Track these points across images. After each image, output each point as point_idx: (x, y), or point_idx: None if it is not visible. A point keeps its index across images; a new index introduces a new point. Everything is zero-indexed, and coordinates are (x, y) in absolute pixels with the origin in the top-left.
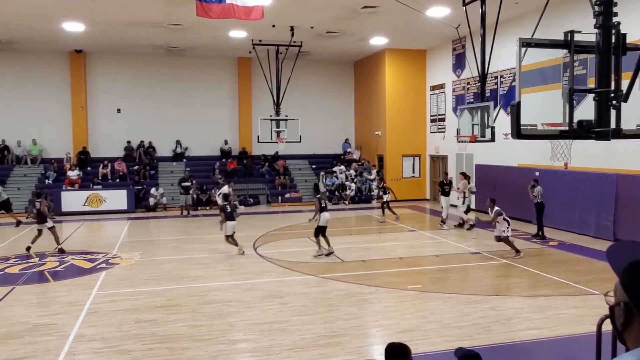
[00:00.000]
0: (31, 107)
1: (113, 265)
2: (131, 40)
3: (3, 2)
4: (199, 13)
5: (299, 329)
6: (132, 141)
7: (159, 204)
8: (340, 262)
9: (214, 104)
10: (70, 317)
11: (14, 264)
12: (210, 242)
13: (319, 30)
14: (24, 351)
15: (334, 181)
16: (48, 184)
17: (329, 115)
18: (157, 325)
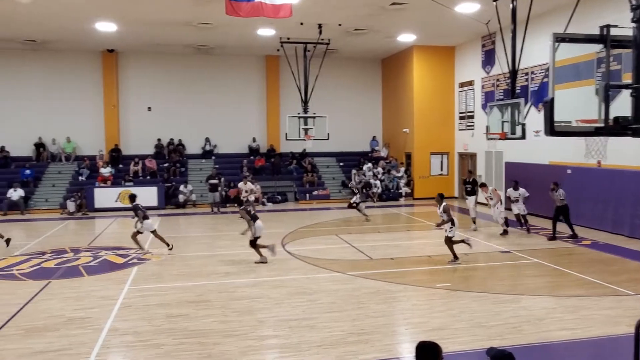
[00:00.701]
0: (65, 106)
1: (144, 261)
2: (161, 40)
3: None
4: (228, 12)
5: (328, 325)
6: (162, 139)
7: (189, 200)
8: (368, 259)
9: (243, 101)
10: (104, 311)
11: (49, 258)
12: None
13: (346, 28)
14: (60, 344)
15: (361, 179)
16: (81, 181)
17: (357, 113)
18: (187, 320)
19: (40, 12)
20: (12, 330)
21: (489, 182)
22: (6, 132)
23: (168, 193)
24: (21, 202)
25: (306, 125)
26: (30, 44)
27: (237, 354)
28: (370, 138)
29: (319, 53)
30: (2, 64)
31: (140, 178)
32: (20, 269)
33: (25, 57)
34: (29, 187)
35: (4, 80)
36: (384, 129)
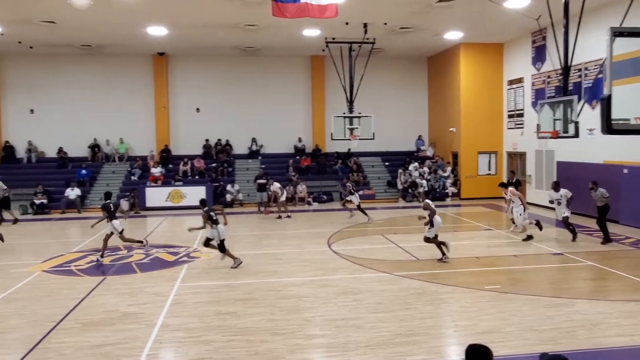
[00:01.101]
0: (118, 108)
1: (194, 259)
2: (209, 42)
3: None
4: (274, 13)
5: (375, 326)
6: (210, 139)
7: (236, 200)
8: (415, 260)
9: (288, 102)
10: (156, 307)
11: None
12: (286, 238)
13: (392, 27)
14: (116, 338)
15: (406, 178)
16: (134, 181)
17: (402, 112)
18: (236, 317)
19: (96, 18)
20: (71, 323)
21: (539, 182)
22: (64, 134)
23: (216, 192)
24: (78, 201)
25: (351, 125)
26: (87, 49)
27: (284, 352)
28: (416, 137)
29: (364, 52)
30: (61, 68)
31: (189, 178)
32: (77, 265)
33: (82, 61)
34: (85, 186)
35: (62, 84)
36: (430, 128)
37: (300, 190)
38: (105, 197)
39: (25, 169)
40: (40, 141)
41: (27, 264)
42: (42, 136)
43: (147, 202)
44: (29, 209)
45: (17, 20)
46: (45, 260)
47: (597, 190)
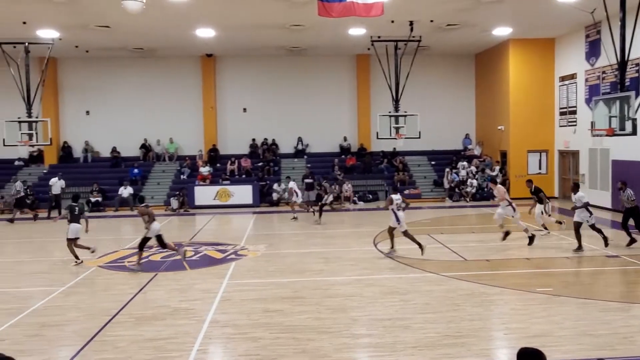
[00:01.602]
0: (168, 109)
1: (241, 256)
2: (256, 43)
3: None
4: (320, 12)
5: (423, 327)
6: (256, 139)
7: (282, 199)
8: (462, 260)
9: (334, 101)
10: (206, 303)
11: (156, 252)
12: (332, 237)
13: (439, 24)
14: (168, 333)
15: (454, 178)
16: (183, 180)
17: (449, 110)
18: (283, 315)
19: (148, 22)
20: (125, 317)
21: (593, 182)
22: (117, 134)
23: (262, 191)
24: (130, 199)
25: (397, 123)
26: (139, 52)
27: (331, 350)
28: (463, 136)
29: (410, 50)
30: (114, 71)
31: (236, 177)
32: (130, 261)
33: (134, 64)
34: (137, 185)
35: (115, 87)
36: (477, 127)
37: (345, 190)
38: (72, 199)
39: (81, 168)
40: (96, 141)
41: (84, 260)
42: (97, 136)
43: (196, 200)
44: (85, 207)
45: (75, 25)
46: (100, 256)
47: (624, 191)
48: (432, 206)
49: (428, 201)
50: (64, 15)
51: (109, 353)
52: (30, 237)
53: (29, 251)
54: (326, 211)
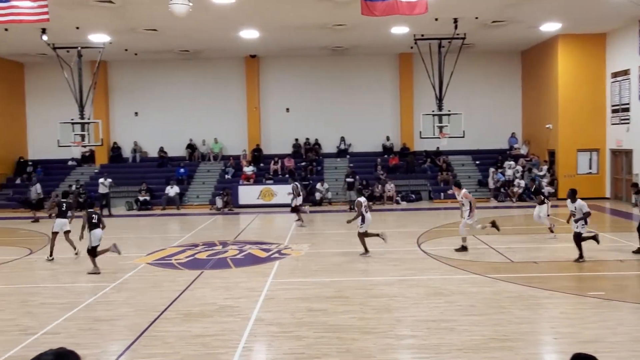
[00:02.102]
0: (213, 109)
1: (285, 255)
2: (299, 43)
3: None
4: (363, 12)
5: (468, 329)
6: (299, 138)
7: (325, 198)
8: (509, 262)
9: (376, 100)
10: (250, 301)
11: (201, 250)
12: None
13: (484, 20)
14: (214, 329)
15: (499, 177)
16: (227, 179)
17: (494, 109)
18: (327, 315)
19: (194, 24)
20: (173, 314)
21: None
22: (164, 135)
23: (305, 191)
24: (177, 198)
25: (441, 122)
26: (185, 54)
27: (375, 351)
28: (508, 135)
29: (454, 48)
30: (161, 73)
31: (279, 176)
32: (177, 259)
33: (180, 66)
34: (183, 184)
35: (162, 88)
36: (523, 125)
37: (388, 189)
38: (62, 196)
39: (130, 168)
40: (144, 142)
41: (133, 257)
42: (145, 137)
43: (240, 199)
44: (134, 206)
45: (124, 29)
46: (149, 254)
47: (638, 194)
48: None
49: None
50: (115, 19)
51: (158, 348)
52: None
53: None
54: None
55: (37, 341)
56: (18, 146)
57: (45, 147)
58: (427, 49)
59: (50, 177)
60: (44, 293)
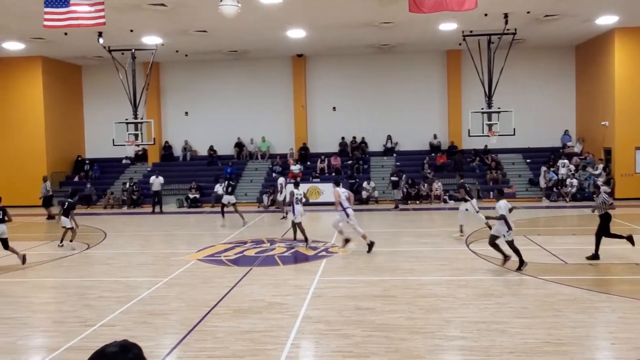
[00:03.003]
0: (260, 108)
1: (332, 254)
2: (345, 42)
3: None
4: (411, 9)
5: (520, 332)
6: (345, 137)
7: (371, 197)
8: (562, 264)
9: (423, 98)
10: (298, 299)
11: (250, 247)
12: (422, 236)
13: (536, 15)
14: (263, 326)
15: (551, 176)
16: (275, 177)
17: (546, 106)
18: (375, 313)
19: (242, 25)
20: (223, 309)
21: None
22: (214, 134)
23: (352, 189)
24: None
25: (490, 120)
26: (233, 54)
27: (424, 351)
28: (561, 132)
29: (504, 44)
30: (210, 73)
31: (326, 175)
32: (226, 255)
33: (229, 66)
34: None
35: (211, 88)
36: (577, 122)
37: (435, 188)
38: (70, 195)
39: (181, 166)
40: (194, 141)
41: (184, 253)
42: (195, 136)
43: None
44: (184, 203)
45: (176, 31)
46: (199, 250)
47: (598, 196)
48: (527, 206)
49: (523, 201)
50: (167, 22)
51: (209, 342)
52: (139, 229)
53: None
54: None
55: (95, 332)
56: (76, 145)
57: (101, 146)
58: (476, 45)
59: (105, 175)
60: (101, 287)
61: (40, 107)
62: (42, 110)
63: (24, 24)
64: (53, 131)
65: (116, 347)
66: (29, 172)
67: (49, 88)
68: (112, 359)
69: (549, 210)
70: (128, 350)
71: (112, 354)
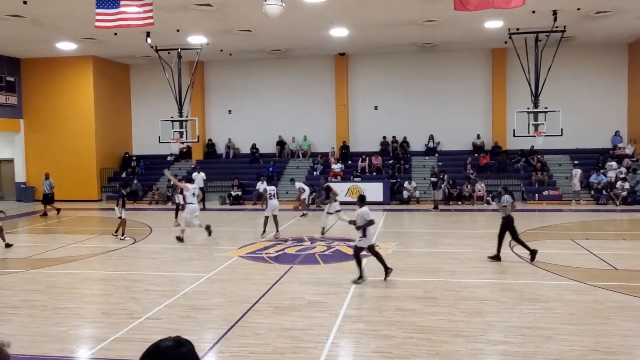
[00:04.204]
0: (302, 107)
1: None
2: (388, 40)
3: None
4: (456, 7)
5: (566, 338)
6: (387, 136)
7: (412, 197)
8: (612, 269)
9: (466, 97)
10: (338, 298)
11: (290, 245)
12: (464, 237)
13: (586, 12)
14: (303, 323)
15: (601, 179)
16: (316, 176)
17: (596, 105)
18: (415, 315)
19: (285, 24)
20: (264, 306)
21: None
22: (256, 132)
23: (393, 189)
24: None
25: (536, 120)
26: (276, 53)
27: (465, 355)
28: (612, 133)
29: (552, 42)
30: (253, 72)
31: (367, 174)
32: (268, 253)
33: (271, 65)
34: (273, 180)
35: (254, 87)
36: (629, 123)
37: (478, 189)
38: (122, 186)
39: (223, 164)
40: (237, 138)
41: (226, 249)
42: (237, 134)
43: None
44: (227, 200)
45: (220, 31)
46: (240, 247)
47: (503, 196)
48: (575, 209)
49: (570, 203)
50: (212, 22)
51: (250, 339)
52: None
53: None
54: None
55: (141, 325)
56: (124, 142)
57: (147, 143)
58: (523, 43)
59: (151, 171)
60: (147, 280)
61: (91, 105)
62: (93, 108)
63: (77, 25)
64: (102, 128)
65: (171, 341)
66: (80, 168)
67: (99, 87)
68: (167, 353)
69: (598, 214)
70: (182, 345)
71: (167, 348)
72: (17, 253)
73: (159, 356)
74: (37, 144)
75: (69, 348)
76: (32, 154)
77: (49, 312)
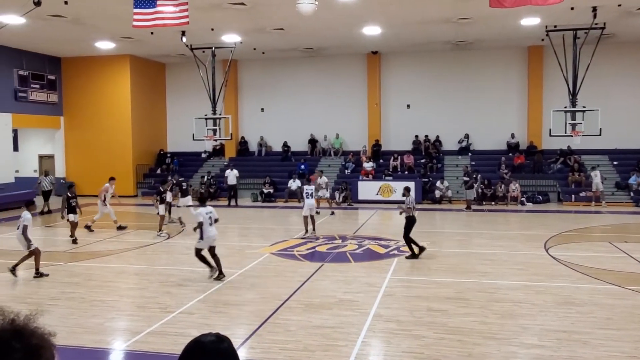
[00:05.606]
0: (334, 105)
1: (404, 252)
2: (421, 38)
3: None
4: (492, 4)
5: (604, 344)
6: (419, 135)
7: (444, 196)
8: None
9: (501, 96)
10: (369, 296)
11: (322, 243)
12: (497, 238)
13: (628, 8)
14: (333, 322)
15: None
16: (347, 174)
17: (636, 104)
18: (447, 316)
19: (318, 23)
20: (295, 303)
21: None
22: (288, 130)
23: (425, 188)
24: (298, 192)
25: (574, 119)
26: (308, 52)
27: (499, 358)
28: None
29: (591, 39)
30: (286, 71)
31: (398, 173)
32: (299, 250)
33: (304, 63)
34: (304, 178)
35: (286, 85)
36: None
37: (512, 189)
38: (162, 183)
39: (255, 162)
40: (269, 136)
41: (258, 246)
42: (270, 132)
43: (359, 195)
44: (259, 197)
45: (254, 29)
46: (272, 244)
47: (407, 197)
48: (614, 211)
49: (610, 205)
50: (246, 20)
51: (281, 335)
52: None
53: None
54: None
55: (174, 319)
56: (159, 139)
57: (182, 140)
58: (560, 40)
59: (185, 168)
60: (180, 275)
61: (128, 103)
62: (129, 106)
63: (115, 25)
64: (138, 126)
65: (213, 336)
66: (117, 164)
67: (136, 85)
68: (210, 347)
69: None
70: (223, 340)
71: (210, 343)
72: (57, 246)
73: (202, 351)
74: (76, 140)
75: (105, 340)
76: (72, 150)
77: (86, 304)
